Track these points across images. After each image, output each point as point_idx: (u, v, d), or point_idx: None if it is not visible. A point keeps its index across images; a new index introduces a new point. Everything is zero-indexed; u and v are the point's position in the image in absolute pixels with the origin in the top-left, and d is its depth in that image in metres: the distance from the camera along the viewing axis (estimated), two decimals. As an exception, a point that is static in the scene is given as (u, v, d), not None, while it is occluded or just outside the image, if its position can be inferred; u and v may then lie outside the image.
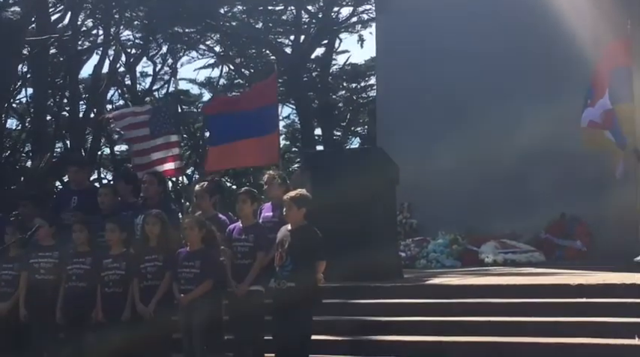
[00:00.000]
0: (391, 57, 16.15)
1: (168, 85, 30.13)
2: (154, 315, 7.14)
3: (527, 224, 13.53)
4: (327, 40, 28.96)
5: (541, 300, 7.80)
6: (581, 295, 7.70)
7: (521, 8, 14.45)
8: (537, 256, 12.81)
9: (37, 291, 7.75)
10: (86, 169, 9.29)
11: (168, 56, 29.72)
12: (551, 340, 7.04)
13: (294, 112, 31.37)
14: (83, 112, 26.69)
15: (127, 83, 29.67)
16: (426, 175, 14.18)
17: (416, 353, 7.30)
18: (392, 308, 8.18)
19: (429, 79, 15.08)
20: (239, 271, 7.44)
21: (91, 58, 27.09)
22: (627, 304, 7.38)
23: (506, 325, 7.43)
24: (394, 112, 15.67)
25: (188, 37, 28.02)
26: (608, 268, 9.62)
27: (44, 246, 7.94)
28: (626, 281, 7.88)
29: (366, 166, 9.70)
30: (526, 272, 10.43)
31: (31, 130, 25.52)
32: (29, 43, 21.89)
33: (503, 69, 14.33)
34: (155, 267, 7.29)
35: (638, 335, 6.82)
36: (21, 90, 26.56)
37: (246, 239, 7.55)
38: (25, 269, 7.89)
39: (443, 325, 7.66)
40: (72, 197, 8.89)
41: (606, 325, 7.09)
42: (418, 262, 13.50)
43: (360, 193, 9.30)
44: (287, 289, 6.69)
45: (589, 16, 13.44)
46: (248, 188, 8.31)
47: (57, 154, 25.87)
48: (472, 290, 8.43)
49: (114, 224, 7.67)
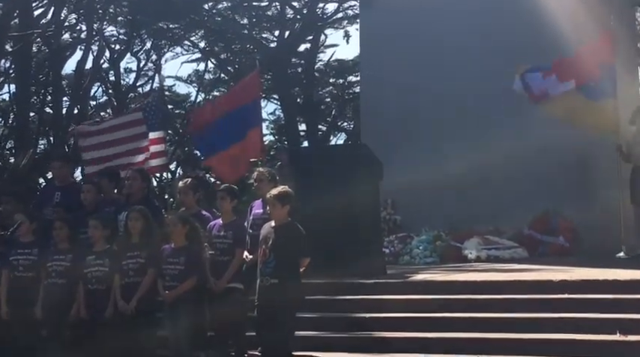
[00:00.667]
0: (375, 53, 16.12)
1: (153, 81, 30.05)
2: (135, 312, 7.11)
3: (511, 220, 13.56)
4: (312, 36, 28.93)
5: (524, 296, 7.84)
6: (564, 291, 7.74)
7: (505, 3, 14.45)
8: (520, 252, 12.83)
9: (17, 288, 7.71)
10: (70, 164, 9.24)
11: (152, 52, 29.62)
12: (534, 336, 7.07)
13: (278, 107, 31.36)
14: (66, 109, 26.53)
15: (110, 79, 29.52)
16: (410, 171, 14.18)
17: (400, 349, 7.31)
18: (376, 305, 8.18)
19: (413, 76, 15.06)
20: (218, 268, 7.45)
21: (74, 53, 26.93)
22: (609, 300, 7.43)
23: (489, 321, 7.46)
24: (378, 109, 15.65)
25: (172, 33, 27.93)
26: (591, 264, 9.67)
27: (23, 243, 7.90)
28: (609, 277, 7.92)
29: (350, 163, 9.70)
30: (509, 268, 10.46)
31: (13, 127, 25.35)
32: (12, 38, 21.73)
33: (487, 65, 14.34)
34: (137, 264, 7.26)
35: (619, 331, 6.86)
36: (3, 86, 26.40)
37: (225, 236, 7.57)
38: (5, 267, 7.84)
39: (427, 321, 7.67)
40: (55, 193, 8.86)
41: (588, 320, 7.13)
42: (402, 258, 13.50)
43: (344, 190, 9.30)
44: (270, 286, 6.70)
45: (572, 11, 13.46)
46: (227, 185, 8.29)
47: (40, 150, 25.72)
48: (456, 287, 8.46)
49: (97, 221, 7.64)
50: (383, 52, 15.73)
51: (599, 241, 12.11)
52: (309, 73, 29.56)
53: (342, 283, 8.76)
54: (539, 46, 13.17)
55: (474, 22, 14.59)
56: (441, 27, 15.02)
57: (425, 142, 14.58)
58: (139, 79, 30.37)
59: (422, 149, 14.47)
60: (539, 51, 12.94)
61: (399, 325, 7.70)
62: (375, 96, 15.93)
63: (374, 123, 15.73)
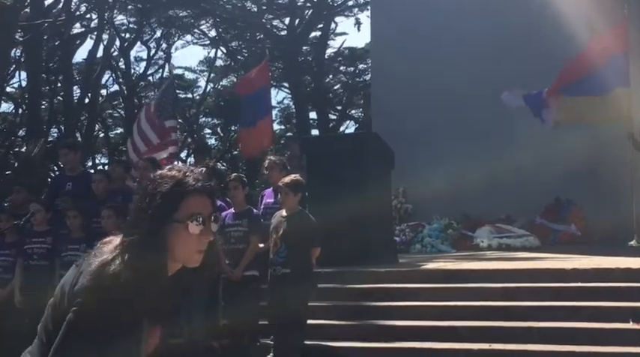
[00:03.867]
0: (387, 41, 16.09)
1: (163, 70, 30.09)
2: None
3: (523, 209, 13.55)
4: (323, 24, 28.87)
5: (536, 284, 7.83)
6: (576, 280, 7.73)
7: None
8: (532, 240, 12.82)
9: (31, 276, 7.75)
10: (78, 152, 9.22)
11: (162, 40, 29.65)
12: (546, 324, 7.07)
13: (288, 96, 31.34)
14: (78, 97, 26.61)
15: (121, 68, 29.57)
16: (421, 160, 14.19)
17: (412, 337, 7.32)
18: (388, 293, 8.20)
19: (424, 65, 15.04)
20: (233, 256, 7.47)
21: (84, 42, 27.00)
22: (621, 289, 7.42)
23: (500, 310, 7.46)
24: (390, 97, 15.64)
25: (182, 22, 27.92)
26: (603, 252, 9.65)
27: (38, 232, 7.94)
28: (620, 266, 7.91)
29: (362, 151, 9.70)
30: (521, 257, 10.46)
31: (25, 115, 25.44)
32: (23, 27, 21.77)
33: (498, 56, 14.30)
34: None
35: (632, 319, 6.86)
36: (14, 75, 26.48)
37: (240, 224, 7.59)
38: (19, 255, 7.89)
39: (437, 310, 7.68)
40: (67, 183, 8.88)
41: (601, 309, 7.13)
42: (413, 246, 13.52)
43: (355, 178, 9.30)
44: (282, 276, 6.70)
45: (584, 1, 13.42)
46: (237, 174, 8.35)
47: (52, 139, 25.82)
48: (467, 275, 8.45)
49: (110, 210, 7.66)
50: (394, 39, 15.69)
51: (610, 230, 12.09)
52: (320, 62, 29.51)
53: (353, 272, 8.77)
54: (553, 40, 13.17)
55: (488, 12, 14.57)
56: (453, 16, 14.99)
57: (436, 131, 14.57)
58: (150, 68, 30.44)
59: (433, 138, 14.47)
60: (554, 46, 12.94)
61: (409, 314, 7.71)
62: (387, 84, 15.92)
63: (385, 111, 15.72)
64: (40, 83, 24.54)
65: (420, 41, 15.19)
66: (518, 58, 14.10)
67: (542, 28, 13.79)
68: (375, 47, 17.38)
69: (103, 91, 29.23)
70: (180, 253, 2.23)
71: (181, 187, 2.22)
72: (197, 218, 2.21)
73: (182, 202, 2.21)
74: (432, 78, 14.81)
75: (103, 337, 2.06)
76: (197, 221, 2.21)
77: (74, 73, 27.47)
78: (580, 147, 13.15)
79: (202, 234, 2.23)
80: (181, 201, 2.21)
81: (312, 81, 29.67)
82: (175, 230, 2.20)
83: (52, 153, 20.52)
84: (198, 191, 2.24)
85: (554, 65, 11.60)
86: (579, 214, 13.37)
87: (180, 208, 2.21)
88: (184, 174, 2.26)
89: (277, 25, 29.05)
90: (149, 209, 2.19)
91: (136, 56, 30.83)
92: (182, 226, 2.20)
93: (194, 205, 2.22)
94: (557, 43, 13.03)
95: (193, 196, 2.23)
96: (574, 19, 13.26)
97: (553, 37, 13.40)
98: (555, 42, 13.22)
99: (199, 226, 2.21)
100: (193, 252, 2.24)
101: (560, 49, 12.54)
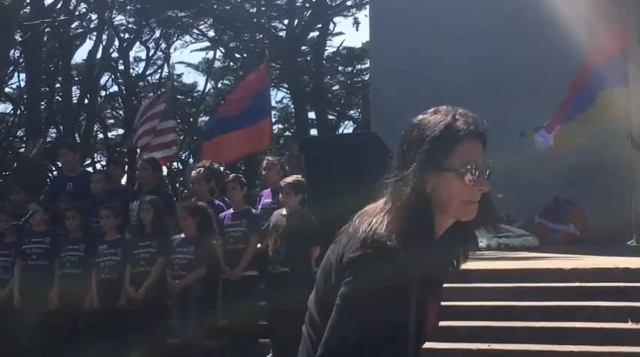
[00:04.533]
0: (385, 40, 16.09)
1: (162, 70, 30.08)
2: (144, 301, 7.14)
3: (521, 209, 13.53)
4: (322, 24, 28.86)
5: (535, 284, 7.82)
6: (575, 280, 7.73)
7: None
8: (531, 240, 12.80)
9: (30, 277, 7.75)
10: (77, 152, 9.21)
11: (161, 41, 29.63)
12: (545, 324, 7.07)
13: (287, 96, 31.33)
14: (77, 98, 26.60)
15: (120, 68, 29.55)
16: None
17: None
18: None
19: (423, 63, 15.03)
20: (232, 256, 7.47)
21: (84, 43, 26.99)
22: (620, 288, 7.42)
23: (499, 310, 7.45)
24: (388, 97, 15.63)
25: (181, 22, 27.91)
26: (602, 252, 9.65)
27: (37, 232, 7.93)
28: (619, 265, 7.91)
29: (361, 152, 9.68)
30: (520, 257, 10.45)
31: (24, 116, 25.42)
32: (22, 27, 21.75)
33: (497, 56, 14.30)
34: (148, 253, 7.30)
35: (631, 318, 6.86)
36: (13, 75, 26.46)
37: (239, 224, 7.58)
38: (18, 255, 7.89)
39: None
40: (67, 183, 8.87)
41: (599, 308, 7.12)
42: (412, 246, 13.51)
43: (355, 179, 9.28)
44: (281, 274, 6.69)
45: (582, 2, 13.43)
46: (235, 175, 8.36)
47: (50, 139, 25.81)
48: (466, 275, 8.42)
49: (109, 210, 7.67)
50: (393, 38, 15.68)
51: (609, 229, 12.09)
52: (318, 62, 29.51)
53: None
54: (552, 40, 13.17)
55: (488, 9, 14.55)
56: (452, 14, 14.98)
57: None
58: (149, 68, 30.40)
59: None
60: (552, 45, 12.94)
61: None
62: (385, 84, 15.91)
63: (384, 111, 15.71)
64: (39, 84, 24.52)
65: (419, 40, 15.18)
66: (517, 57, 14.10)
67: (541, 28, 13.78)
68: (374, 45, 17.37)
69: (102, 92, 29.22)
70: (453, 206, 2.00)
71: (453, 130, 2.00)
72: (472, 166, 1.99)
73: (455, 147, 1.99)
74: (431, 76, 14.80)
75: (378, 312, 1.90)
76: (472, 169, 1.99)
77: (73, 73, 27.45)
78: (579, 147, 13.14)
79: (477, 184, 2.01)
80: (454, 147, 1.99)
81: (311, 81, 29.66)
82: (447, 180, 1.99)
83: (51, 153, 20.53)
84: (471, 135, 2.01)
85: (553, 64, 11.62)
86: (578, 214, 13.37)
87: (453, 155, 1.99)
88: (454, 117, 2.03)
89: (276, 25, 29.06)
90: (415, 158, 2.00)
91: (135, 56, 30.79)
92: (456, 175, 1.98)
93: (468, 152, 2.00)
94: (557, 43, 13.03)
95: (467, 141, 2.00)
96: (572, 19, 13.26)
97: (552, 36, 13.40)
98: (555, 42, 13.22)
99: (474, 176, 1.99)
100: (468, 203, 2.01)
101: (559, 48, 12.55)
